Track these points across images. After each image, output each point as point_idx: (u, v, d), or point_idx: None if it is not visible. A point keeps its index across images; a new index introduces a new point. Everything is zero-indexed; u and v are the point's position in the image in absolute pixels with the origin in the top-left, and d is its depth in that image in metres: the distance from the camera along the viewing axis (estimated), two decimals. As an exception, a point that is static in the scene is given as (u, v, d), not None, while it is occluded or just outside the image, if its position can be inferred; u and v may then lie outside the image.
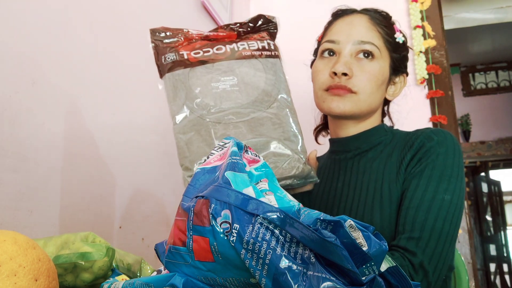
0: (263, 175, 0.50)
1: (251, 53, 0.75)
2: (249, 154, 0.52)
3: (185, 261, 0.42)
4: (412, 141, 0.79)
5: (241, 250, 0.37)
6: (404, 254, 0.68)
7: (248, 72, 0.74)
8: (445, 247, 0.69)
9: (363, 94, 0.82)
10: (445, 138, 0.77)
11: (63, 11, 0.87)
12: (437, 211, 0.70)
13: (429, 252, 0.68)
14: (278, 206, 0.42)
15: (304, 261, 0.36)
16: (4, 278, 0.36)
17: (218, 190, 0.40)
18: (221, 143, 0.53)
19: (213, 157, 0.50)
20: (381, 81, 0.84)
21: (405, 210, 0.72)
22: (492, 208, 5.01)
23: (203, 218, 0.39)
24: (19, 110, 0.75)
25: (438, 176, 0.73)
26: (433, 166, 0.74)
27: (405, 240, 0.69)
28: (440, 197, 0.71)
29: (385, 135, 0.87)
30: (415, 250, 0.68)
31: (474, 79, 5.04)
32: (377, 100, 0.85)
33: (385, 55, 0.85)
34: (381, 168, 0.81)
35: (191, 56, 0.73)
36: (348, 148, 0.88)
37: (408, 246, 0.68)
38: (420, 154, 0.76)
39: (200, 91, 0.72)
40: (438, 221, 0.69)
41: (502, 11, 3.13)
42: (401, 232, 0.71)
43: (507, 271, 4.80)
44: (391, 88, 0.89)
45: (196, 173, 0.48)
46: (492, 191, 5.06)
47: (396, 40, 0.86)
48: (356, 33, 0.83)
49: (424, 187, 0.72)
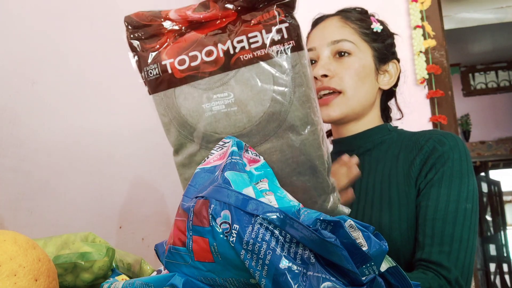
0: (263, 175, 0.49)
1: (252, 55, 0.52)
2: (249, 153, 0.52)
3: (185, 262, 0.41)
4: (421, 143, 0.79)
5: (241, 250, 0.36)
6: (438, 271, 0.68)
7: (248, 83, 0.53)
8: (472, 258, 0.69)
9: (349, 90, 0.82)
10: (457, 142, 0.77)
11: (63, 11, 0.87)
12: (462, 222, 0.70)
13: (460, 265, 0.68)
14: (278, 206, 0.42)
15: (304, 262, 0.36)
16: (4, 278, 0.36)
17: (217, 191, 0.40)
18: (221, 142, 0.52)
19: (213, 157, 0.50)
20: (364, 74, 0.84)
21: (431, 221, 0.71)
22: (492, 208, 5.00)
23: (202, 218, 0.39)
24: (19, 110, 0.75)
25: (458, 184, 0.73)
26: (450, 173, 0.73)
27: (436, 254, 0.69)
28: (463, 207, 0.71)
29: (388, 134, 0.86)
30: (448, 265, 0.67)
31: (474, 79, 5.04)
32: (367, 94, 0.85)
33: (364, 48, 0.85)
34: (387, 169, 0.81)
35: (175, 69, 0.56)
36: (351, 148, 0.88)
37: (442, 261, 0.68)
38: (433, 159, 0.75)
39: (190, 115, 0.55)
40: (464, 232, 0.70)
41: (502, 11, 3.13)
42: (429, 245, 0.70)
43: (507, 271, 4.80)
44: (384, 77, 0.88)
45: (196, 173, 0.48)
46: (492, 191, 5.06)
47: (374, 30, 0.87)
48: (329, 35, 0.85)
49: (445, 197, 0.72)
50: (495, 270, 4.80)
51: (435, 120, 1.62)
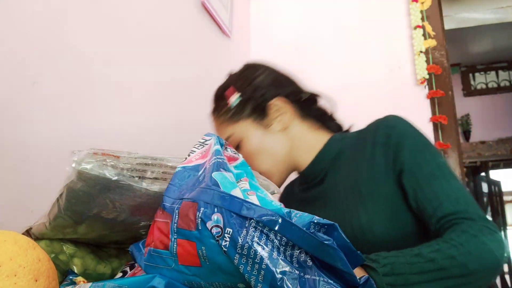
0: (243, 173, 0.47)
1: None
2: (228, 151, 0.50)
3: (168, 265, 0.39)
4: (371, 138, 0.79)
5: (235, 255, 0.35)
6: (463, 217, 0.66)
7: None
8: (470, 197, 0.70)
9: (261, 168, 0.85)
10: (398, 119, 0.79)
11: (63, 11, 0.87)
12: (448, 172, 0.72)
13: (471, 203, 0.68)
14: (261, 206, 0.40)
15: (301, 265, 0.35)
16: (4, 278, 0.36)
17: (206, 192, 0.38)
18: (201, 140, 0.50)
19: (194, 155, 0.47)
20: (258, 146, 0.85)
21: (427, 186, 0.71)
22: (492, 208, 5.00)
23: (189, 221, 0.37)
24: (19, 110, 0.75)
25: (425, 147, 0.75)
26: (414, 144, 0.75)
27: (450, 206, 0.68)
28: (441, 162, 0.74)
29: (339, 143, 0.86)
30: (473, 216, 0.66)
31: (474, 79, 5.04)
32: (274, 150, 0.86)
33: (241, 126, 0.86)
34: (350, 173, 0.81)
35: None
36: (314, 172, 0.88)
37: (458, 208, 0.67)
38: (394, 140, 0.76)
39: None
40: (452, 180, 0.71)
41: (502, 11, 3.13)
42: (440, 204, 0.69)
43: (507, 271, 4.79)
44: (278, 123, 0.86)
45: (177, 171, 0.45)
46: (492, 191, 5.05)
47: (233, 106, 0.86)
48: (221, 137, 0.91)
49: (423, 161, 0.73)
50: (495, 270, 4.79)
51: (435, 120, 1.62)
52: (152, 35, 1.17)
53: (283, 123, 0.87)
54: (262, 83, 0.87)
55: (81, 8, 0.93)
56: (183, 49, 1.33)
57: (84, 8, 0.93)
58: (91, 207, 0.49)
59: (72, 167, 0.44)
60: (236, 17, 1.77)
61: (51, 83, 0.83)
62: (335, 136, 0.88)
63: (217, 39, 1.58)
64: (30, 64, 0.78)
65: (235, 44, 1.75)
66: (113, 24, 1.03)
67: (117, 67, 1.04)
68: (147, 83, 1.14)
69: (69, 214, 0.50)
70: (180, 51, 1.31)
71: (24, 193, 0.74)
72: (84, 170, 0.44)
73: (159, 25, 1.22)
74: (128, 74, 1.08)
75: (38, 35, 0.80)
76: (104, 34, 0.99)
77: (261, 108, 0.86)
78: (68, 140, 0.86)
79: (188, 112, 1.32)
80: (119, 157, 0.45)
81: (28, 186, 0.76)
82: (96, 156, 0.44)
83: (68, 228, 0.55)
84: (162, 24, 1.23)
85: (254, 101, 0.86)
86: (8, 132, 0.72)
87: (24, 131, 0.76)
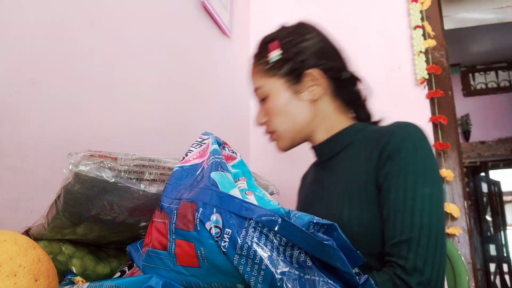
0: (240, 173, 0.47)
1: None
2: (226, 150, 0.49)
3: (166, 266, 0.39)
4: (378, 138, 0.78)
5: (234, 256, 0.34)
6: (396, 263, 0.67)
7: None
8: (438, 241, 0.67)
9: (277, 129, 0.89)
10: (409, 133, 0.75)
11: (63, 11, 0.87)
12: (421, 208, 0.69)
13: (422, 251, 0.66)
14: (260, 206, 0.40)
15: (301, 265, 0.35)
16: (4, 278, 0.36)
17: (205, 193, 0.38)
18: (199, 139, 0.50)
19: (192, 154, 0.47)
20: (282, 107, 0.87)
21: (393, 213, 0.70)
22: (492, 208, 5.00)
23: (187, 222, 0.37)
24: (19, 110, 0.75)
25: (414, 171, 0.71)
26: (405, 163, 0.72)
27: (395, 245, 0.68)
28: (420, 193, 0.70)
29: (355, 135, 0.86)
30: (406, 254, 0.66)
31: (474, 79, 5.04)
32: (295, 119, 0.88)
33: (273, 83, 0.88)
34: (348, 167, 0.81)
35: None
36: (322, 154, 0.91)
37: (401, 251, 0.67)
38: (387, 153, 0.75)
39: None
40: (424, 218, 0.68)
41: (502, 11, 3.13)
42: (391, 237, 0.69)
43: (507, 271, 4.79)
44: (308, 93, 0.87)
45: (175, 171, 0.45)
46: (492, 191, 5.06)
47: (273, 61, 0.87)
48: (252, 82, 0.93)
49: (402, 187, 0.71)
50: (495, 270, 4.80)
51: (435, 120, 1.62)
52: (152, 35, 1.17)
53: (313, 95, 0.87)
54: (307, 49, 0.87)
55: (81, 8, 0.93)
56: (183, 49, 1.34)
57: (84, 8, 0.93)
58: (89, 208, 0.49)
59: (69, 169, 0.44)
60: (236, 17, 1.77)
61: (51, 83, 0.83)
62: (355, 126, 0.88)
63: (216, 39, 1.58)
64: (30, 64, 0.78)
65: (235, 44, 1.75)
66: (113, 24, 1.03)
67: (117, 67, 1.04)
68: (147, 83, 1.14)
69: (67, 215, 0.50)
70: (180, 51, 1.31)
71: (24, 193, 0.74)
72: (81, 172, 0.44)
73: (159, 25, 1.22)
74: (128, 74, 1.08)
75: (38, 35, 0.80)
76: (104, 34, 0.99)
77: (298, 73, 0.86)
78: (68, 140, 0.86)
79: (187, 112, 1.32)
80: (117, 158, 0.45)
81: (28, 186, 0.76)
82: (93, 158, 0.44)
83: (66, 229, 0.55)
84: (161, 24, 1.23)
85: (293, 64, 0.86)
86: (8, 132, 0.72)
87: (23, 131, 0.76)
